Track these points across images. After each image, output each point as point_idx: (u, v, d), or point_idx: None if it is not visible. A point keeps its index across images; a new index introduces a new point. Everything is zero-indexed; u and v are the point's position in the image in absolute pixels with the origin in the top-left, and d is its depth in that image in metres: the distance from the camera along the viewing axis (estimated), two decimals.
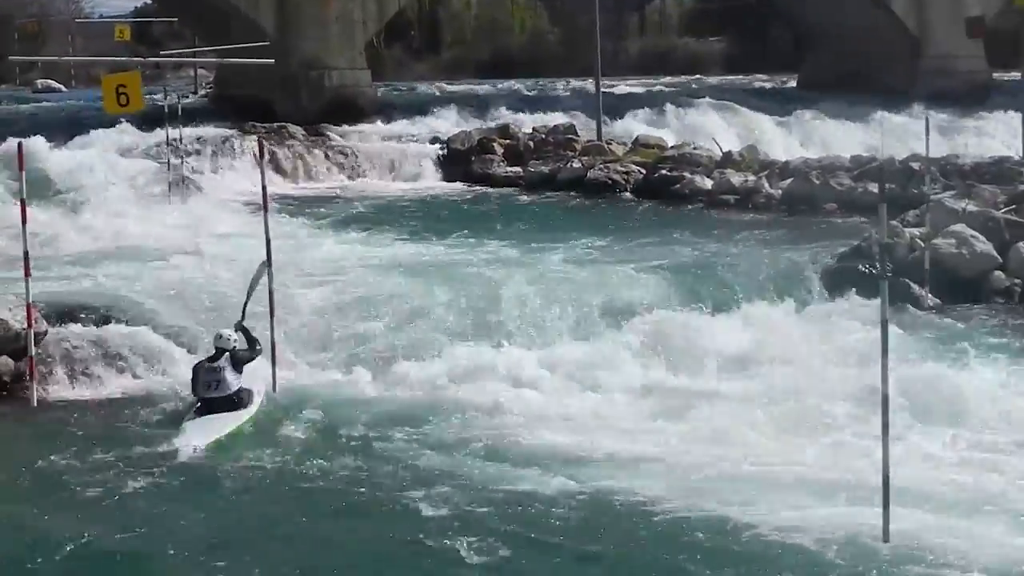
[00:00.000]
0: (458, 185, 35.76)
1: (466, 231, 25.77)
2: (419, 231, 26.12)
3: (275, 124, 38.72)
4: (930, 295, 20.68)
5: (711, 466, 13.25)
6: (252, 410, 15.25)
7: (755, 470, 13.14)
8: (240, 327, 15.80)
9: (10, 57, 56.42)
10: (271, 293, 16.17)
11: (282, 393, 16.00)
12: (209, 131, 37.08)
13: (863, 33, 48.96)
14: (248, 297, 16.24)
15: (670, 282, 20.06)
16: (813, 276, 21.32)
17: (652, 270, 20.78)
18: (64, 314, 17.68)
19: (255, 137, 31.69)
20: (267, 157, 33.87)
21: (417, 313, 18.52)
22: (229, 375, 15.26)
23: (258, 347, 15.82)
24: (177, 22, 64.47)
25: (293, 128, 38.46)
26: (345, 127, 39.58)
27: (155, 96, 36.82)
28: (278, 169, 35.71)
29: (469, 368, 16.87)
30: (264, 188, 16.79)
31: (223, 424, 14.84)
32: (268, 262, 16.22)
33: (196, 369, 15.47)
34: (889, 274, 20.44)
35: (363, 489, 12.78)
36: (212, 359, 15.43)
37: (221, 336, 15.51)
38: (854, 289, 20.26)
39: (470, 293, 19.21)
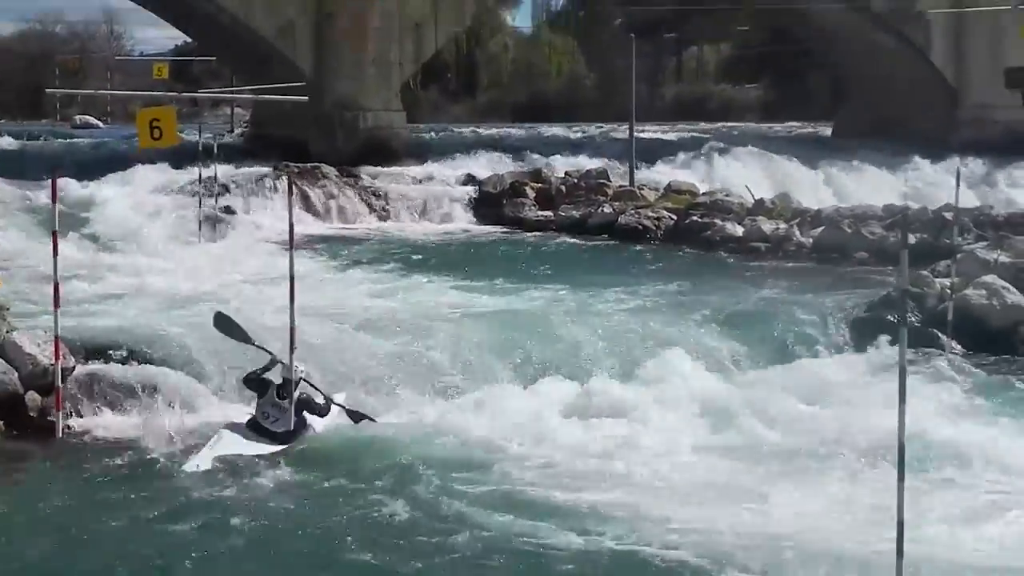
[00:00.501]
0: (489, 228, 35.81)
1: (492, 273, 25.77)
2: (443, 272, 26.11)
3: (309, 164, 38.84)
4: (955, 344, 20.51)
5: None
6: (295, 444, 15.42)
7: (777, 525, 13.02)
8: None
9: (47, 90, 56.93)
10: (292, 329, 16.15)
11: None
12: (244, 170, 37.32)
13: (900, 82, 48.93)
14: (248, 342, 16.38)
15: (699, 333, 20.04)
16: (842, 326, 21.24)
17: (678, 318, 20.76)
18: (92, 350, 17.71)
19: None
20: (296, 195, 34.25)
21: (442, 352, 18.51)
22: (292, 415, 15.49)
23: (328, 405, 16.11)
24: (215, 61, 64.90)
25: (327, 168, 38.57)
26: (379, 168, 39.68)
27: (192, 135, 37.13)
28: (310, 209, 35.89)
29: (495, 409, 16.83)
30: (291, 226, 16.78)
31: (259, 448, 15.08)
32: (291, 298, 16.21)
33: (261, 387, 15.78)
34: (916, 322, 20.84)
35: (371, 530, 12.70)
36: (280, 392, 15.62)
37: (287, 367, 15.68)
38: (885, 339, 20.22)
39: (493, 333, 19.24)
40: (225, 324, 16.82)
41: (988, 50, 46.82)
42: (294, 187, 33.53)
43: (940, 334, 20.97)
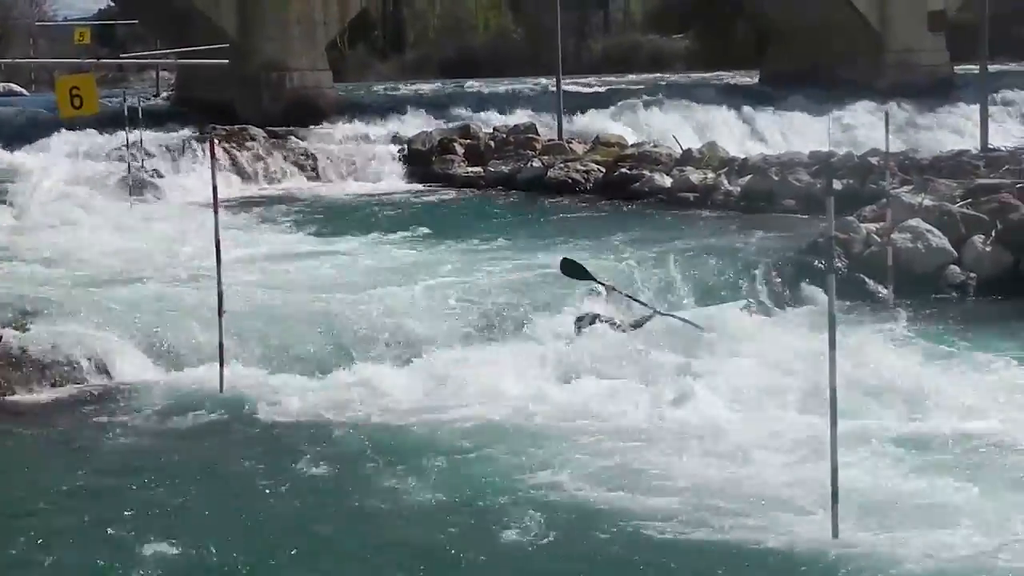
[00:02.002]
0: (418, 186, 35.74)
1: (420, 231, 25.81)
2: (374, 231, 26.09)
3: (236, 126, 38.58)
4: (881, 288, 20.69)
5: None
6: None
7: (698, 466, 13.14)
8: None
9: None
10: (220, 292, 16.10)
11: (229, 392, 15.91)
12: (171, 134, 37.05)
13: (825, 28, 49.05)
14: None
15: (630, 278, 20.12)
16: (770, 272, 21.38)
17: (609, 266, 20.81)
18: (19, 316, 17.66)
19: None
20: (224, 157, 34.10)
21: (373, 312, 18.48)
22: None
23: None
24: (139, 24, 64.22)
25: (254, 130, 38.31)
26: (307, 128, 39.46)
27: (116, 99, 36.82)
28: (238, 171, 35.73)
29: (431, 373, 16.86)
30: (215, 188, 16.72)
31: None
32: (218, 260, 16.17)
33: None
34: (843, 268, 21.02)
35: (310, 494, 12.69)
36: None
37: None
38: (810, 284, 20.45)
39: (408, 292, 19.26)
40: (571, 267, 18.20)
41: None
42: (221, 149, 33.68)
43: (867, 279, 21.17)
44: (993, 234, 22.19)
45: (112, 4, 71.77)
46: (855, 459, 12.72)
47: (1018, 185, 23.76)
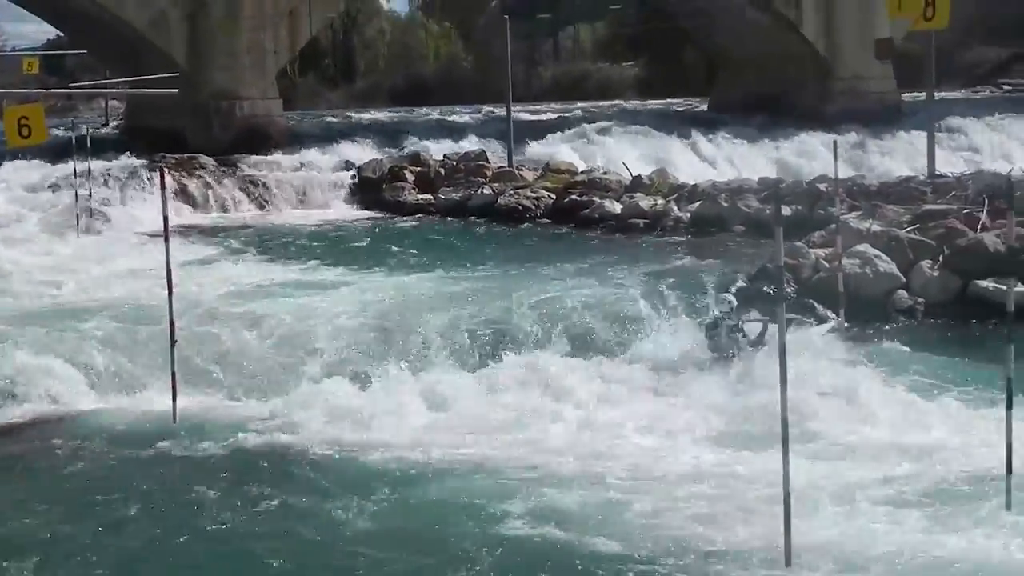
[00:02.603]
0: (369, 213, 35.70)
1: (368, 258, 25.82)
2: (323, 259, 26.10)
3: (186, 155, 38.48)
4: (831, 313, 20.77)
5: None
6: None
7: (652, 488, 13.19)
8: None
9: None
10: (171, 321, 16.07)
11: (183, 423, 15.85)
12: (120, 162, 36.92)
13: (773, 56, 49.33)
14: None
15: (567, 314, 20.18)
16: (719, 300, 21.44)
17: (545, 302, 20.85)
18: None
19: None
20: (174, 186, 34.01)
21: (325, 339, 18.50)
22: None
23: None
24: (89, 54, 63.96)
25: (204, 159, 38.22)
26: (257, 157, 39.39)
27: (65, 128, 36.69)
28: (188, 200, 35.66)
29: (371, 395, 16.91)
30: (166, 218, 16.71)
31: None
32: (169, 289, 16.14)
33: None
34: (792, 292, 21.12)
35: (261, 523, 12.67)
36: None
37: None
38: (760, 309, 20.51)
39: (366, 319, 19.25)
40: None
41: (858, 22, 47.32)
42: (171, 178, 33.57)
43: (816, 304, 21.26)
44: (940, 259, 22.36)
45: (61, 34, 71.39)
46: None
47: (964, 211, 23.97)
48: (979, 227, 23.06)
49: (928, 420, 15.43)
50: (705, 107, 54.42)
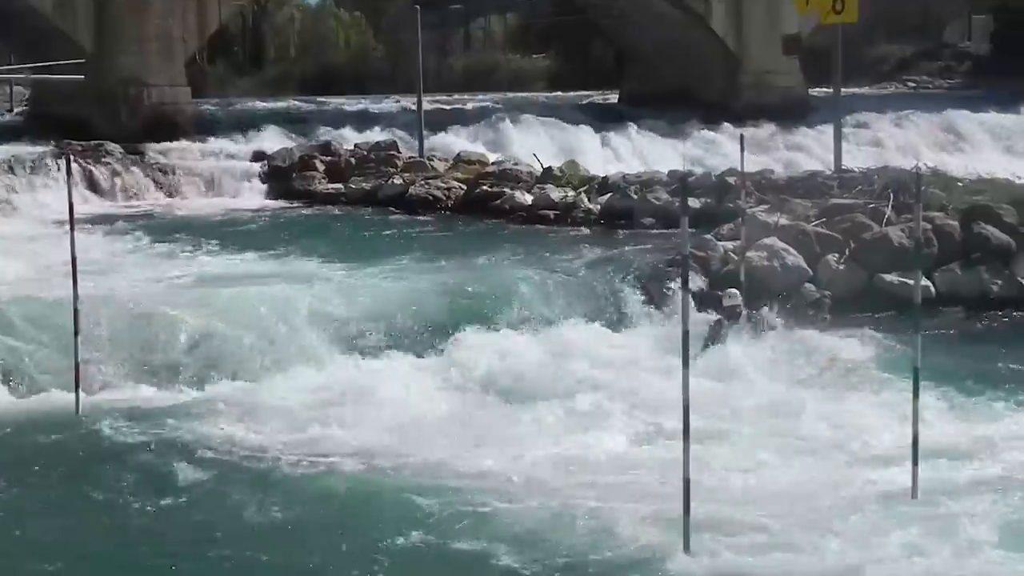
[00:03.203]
0: (278, 203, 35.43)
1: (275, 248, 25.66)
2: (230, 247, 25.94)
3: (92, 142, 38.02)
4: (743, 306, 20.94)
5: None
6: None
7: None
8: None
9: None
10: (76, 312, 15.90)
11: (86, 413, 15.69)
12: (25, 149, 36.44)
13: (683, 50, 49.55)
14: None
15: (473, 299, 20.22)
16: (629, 290, 21.59)
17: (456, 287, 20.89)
18: None
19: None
20: (80, 173, 33.65)
21: (230, 329, 18.41)
22: None
23: None
24: None
25: (111, 146, 37.72)
26: (165, 145, 38.96)
27: None
28: (95, 187, 35.24)
29: (280, 385, 16.91)
30: (71, 205, 16.57)
31: None
32: (74, 279, 15.97)
33: None
34: (702, 285, 21.29)
35: (161, 517, 12.59)
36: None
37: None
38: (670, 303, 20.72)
39: (270, 309, 19.16)
40: None
41: (767, 17, 47.63)
42: (77, 165, 33.23)
43: (722, 296, 21.39)
44: (847, 252, 22.63)
45: None
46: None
47: (870, 205, 24.24)
48: (884, 221, 23.36)
49: (837, 410, 15.64)
50: (615, 100, 54.55)
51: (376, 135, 41.22)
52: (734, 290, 19.87)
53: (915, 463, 12.41)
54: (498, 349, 18.35)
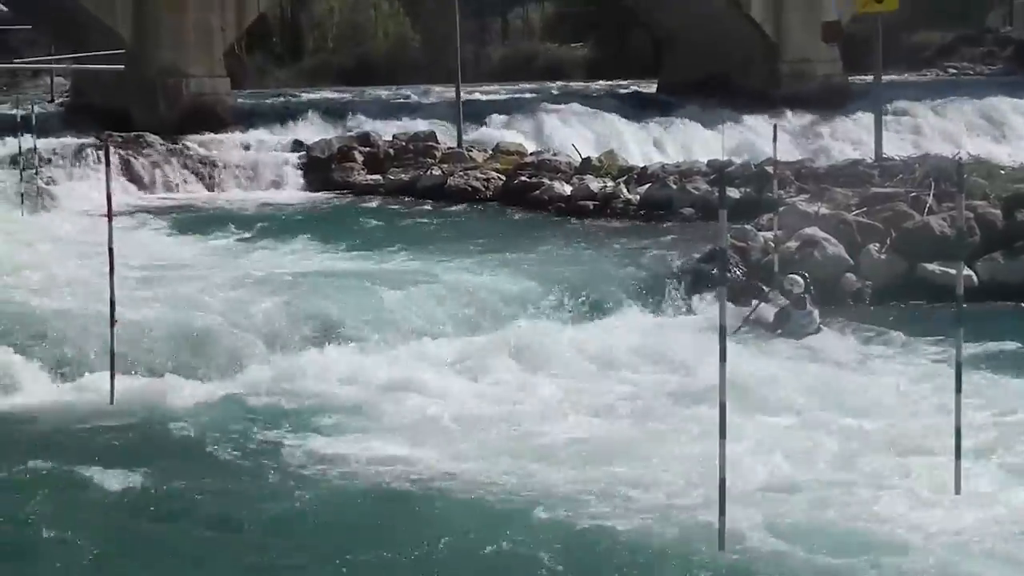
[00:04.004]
0: (317, 194, 35.49)
1: (318, 238, 25.71)
2: (271, 239, 25.97)
3: (132, 133, 38.12)
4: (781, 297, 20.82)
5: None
6: None
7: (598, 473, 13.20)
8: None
9: None
10: (112, 303, 15.91)
11: (120, 404, 15.72)
12: (65, 141, 36.56)
13: (721, 37, 49.34)
14: None
15: (523, 289, 20.19)
16: (670, 280, 21.55)
17: (506, 276, 20.88)
18: None
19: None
20: (119, 165, 33.75)
21: (271, 318, 18.43)
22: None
23: None
24: (34, 30, 63.29)
25: (151, 137, 37.85)
26: (204, 136, 39.05)
27: (9, 106, 36.30)
28: (134, 179, 35.36)
29: (325, 372, 16.93)
30: (109, 196, 16.54)
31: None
32: (111, 270, 15.99)
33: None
34: (741, 275, 21.19)
35: (223, 510, 12.56)
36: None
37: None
38: (711, 294, 20.64)
39: (320, 299, 19.21)
40: None
41: (806, 4, 47.33)
42: (117, 157, 33.31)
43: (764, 287, 21.32)
44: (888, 242, 22.48)
45: (4, 8, 70.64)
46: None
47: (911, 194, 24.07)
48: (926, 210, 23.19)
49: (877, 402, 15.52)
50: (654, 89, 54.34)
51: (415, 125, 41.18)
52: (796, 276, 19.72)
53: (958, 457, 12.27)
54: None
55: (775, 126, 23.96)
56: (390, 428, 14.83)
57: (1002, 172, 26.47)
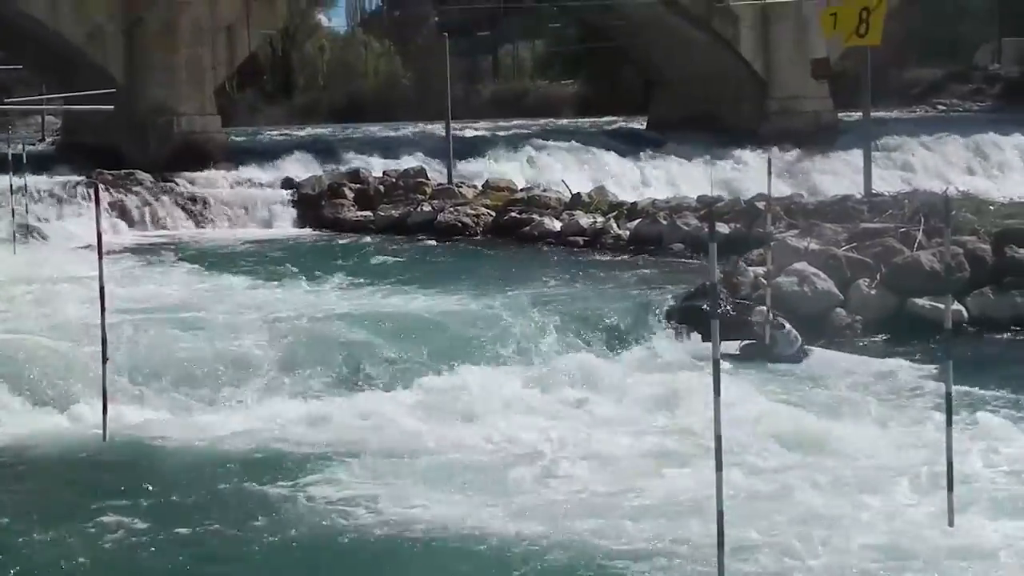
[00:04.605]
0: (308, 231, 35.60)
1: (305, 275, 25.71)
2: (260, 277, 25.94)
3: (123, 171, 38.18)
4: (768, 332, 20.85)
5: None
6: None
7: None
8: None
9: None
10: (104, 339, 15.91)
11: (114, 439, 15.69)
12: (56, 179, 36.64)
13: (710, 74, 49.53)
14: None
15: (509, 324, 20.18)
16: (657, 318, 21.55)
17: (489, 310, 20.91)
18: None
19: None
20: (110, 202, 33.79)
21: (261, 357, 18.42)
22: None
23: None
24: (25, 69, 63.39)
25: (141, 175, 37.95)
26: (195, 174, 39.12)
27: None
28: (125, 216, 35.46)
29: (318, 412, 16.90)
30: (99, 234, 16.56)
31: None
32: (102, 307, 15.99)
33: None
34: (731, 310, 21.22)
35: (190, 543, 12.54)
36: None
37: None
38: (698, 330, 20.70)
39: (307, 337, 19.20)
40: None
41: (795, 42, 47.62)
42: (107, 194, 33.35)
43: (753, 322, 21.35)
44: (878, 277, 22.51)
45: None
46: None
47: (901, 229, 24.12)
48: (915, 245, 23.23)
49: (868, 435, 15.51)
50: (643, 125, 54.52)
51: (405, 162, 41.28)
52: (762, 308, 19.85)
53: (950, 490, 12.27)
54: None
55: (769, 160, 24.10)
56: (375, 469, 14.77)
57: (991, 208, 26.56)
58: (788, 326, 19.68)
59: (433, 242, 32.25)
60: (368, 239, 33.62)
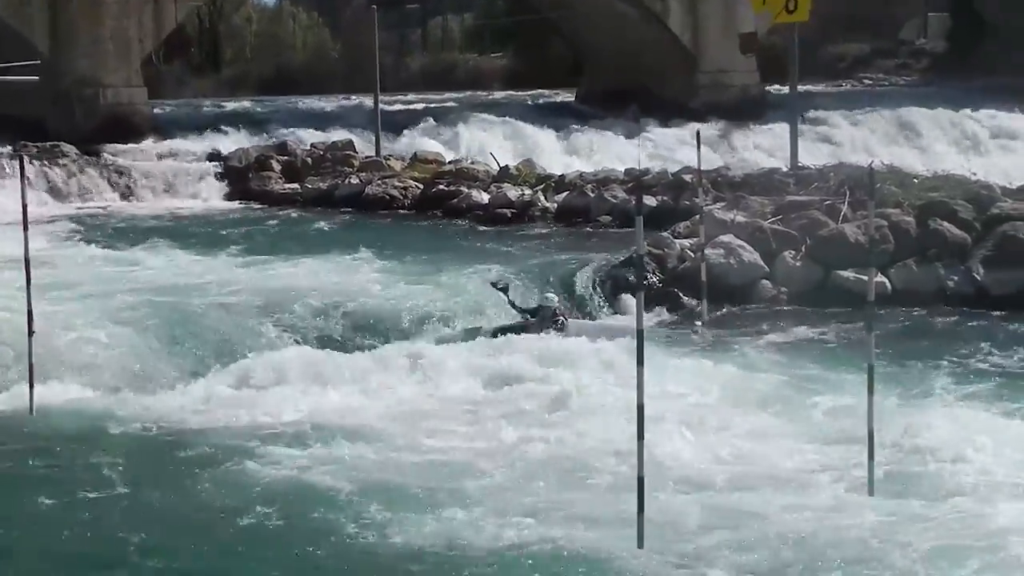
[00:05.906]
0: (234, 203, 35.44)
1: (230, 248, 25.64)
2: (186, 248, 25.83)
3: (48, 143, 37.84)
4: (706, 304, 21.00)
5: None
6: None
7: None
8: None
9: None
10: (29, 313, 15.80)
11: (40, 414, 15.61)
12: None
13: (639, 48, 49.60)
14: None
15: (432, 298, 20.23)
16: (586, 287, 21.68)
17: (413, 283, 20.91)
18: None
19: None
20: (33, 176, 33.45)
21: (181, 330, 18.37)
22: None
23: None
24: None
25: (66, 147, 37.60)
26: (121, 146, 38.82)
27: None
28: (51, 189, 35.13)
29: (236, 385, 16.91)
30: (24, 206, 16.40)
31: None
32: (27, 280, 15.89)
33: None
34: (657, 282, 21.38)
35: (111, 513, 12.51)
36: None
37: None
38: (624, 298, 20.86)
39: (228, 310, 19.24)
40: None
41: (724, 16, 47.73)
42: (31, 166, 33.03)
43: (681, 293, 21.54)
44: (803, 249, 22.70)
45: None
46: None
47: (826, 202, 24.30)
48: (840, 218, 23.42)
49: (790, 406, 15.66)
50: (572, 99, 54.55)
51: (333, 135, 41.12)
52: (552, 295, 19.84)
53: (871, 459, 12.43)
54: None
55: (698, 132, 24.17)
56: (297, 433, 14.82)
57: (915, 181, 26.76)
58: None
59: (361, 215, 32.16)
60: (295, 211, 33.50)
